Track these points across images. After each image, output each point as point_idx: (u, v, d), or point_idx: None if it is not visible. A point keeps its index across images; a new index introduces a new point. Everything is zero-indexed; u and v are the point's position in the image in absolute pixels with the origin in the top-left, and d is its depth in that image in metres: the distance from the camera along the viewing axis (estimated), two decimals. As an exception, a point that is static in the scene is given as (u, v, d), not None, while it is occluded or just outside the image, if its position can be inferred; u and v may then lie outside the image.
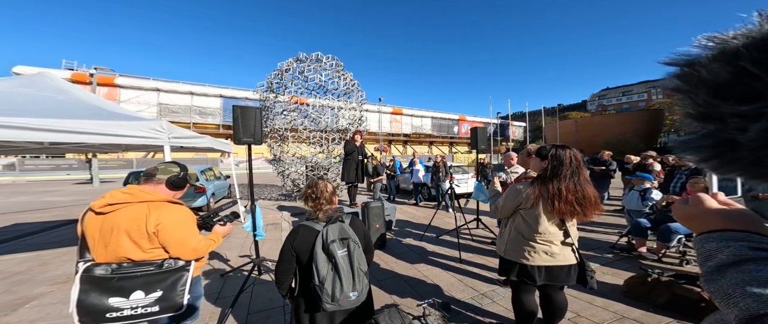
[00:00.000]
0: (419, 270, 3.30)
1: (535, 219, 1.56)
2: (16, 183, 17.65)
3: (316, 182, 1.46)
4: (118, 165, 20.80)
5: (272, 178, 12.26)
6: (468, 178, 8.42)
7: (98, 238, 1.34)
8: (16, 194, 11.81)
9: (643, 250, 3.54)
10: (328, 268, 1.26)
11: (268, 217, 5.99)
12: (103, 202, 1.35)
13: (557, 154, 1.53)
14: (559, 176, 1.49)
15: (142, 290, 1.34)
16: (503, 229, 1.77)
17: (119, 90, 21.82)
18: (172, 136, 2.94)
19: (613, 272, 3.10)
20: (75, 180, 18.52)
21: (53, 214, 7.40)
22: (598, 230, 4.78)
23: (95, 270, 1.29)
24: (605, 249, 3.83)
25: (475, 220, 4.75)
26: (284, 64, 7.53)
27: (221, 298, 2.66)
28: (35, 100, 2.71)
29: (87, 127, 2.45)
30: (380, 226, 4.10)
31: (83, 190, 13.05)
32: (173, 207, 1.48)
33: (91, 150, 4.51)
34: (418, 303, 2.08)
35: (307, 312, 1.37)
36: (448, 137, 39.90)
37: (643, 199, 3.84)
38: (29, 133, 2.26)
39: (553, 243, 1.58)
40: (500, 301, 2.52)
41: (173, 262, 1.42)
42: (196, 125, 23.60)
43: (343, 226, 1.36)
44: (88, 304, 1.26)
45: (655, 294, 2.38)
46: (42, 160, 20.12)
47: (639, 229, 3.53)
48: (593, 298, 2.53)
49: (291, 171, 7.89)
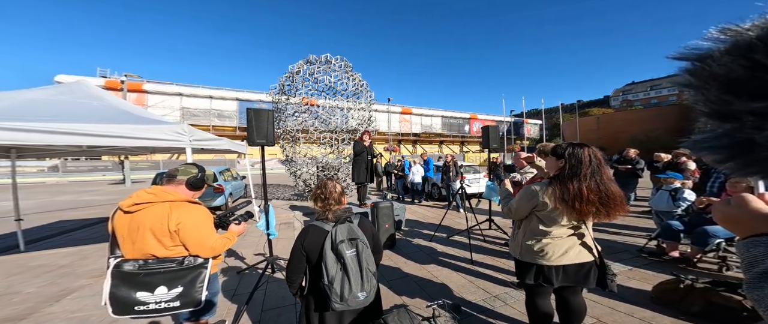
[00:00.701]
0: (429, 270, 3.26)
1: (553, 220, 1.50)
2: (59, 183, 19.30)
3: (325, 183, 1.48)
4: (146, 166, 22.20)
5: (285, 178, 12.61)
6: (480, 178, 8.25)
7: (126, 236, 1.43)
8: (60, 193, 12.91)
9: (675, 254, 3.30)
10: (337, 268, 1.27)
11: (281, 216, 6.16)
12: (130, 201, 1.44)
13: (575, 153, 1.46)
14: (578, 175, 1.43)
15: (165, 286, 1.41)
16: (517, 230, 1.71)
17: (147, 95, 23.27)
18: (193, 139, 3.09)
19: (641, 276, 2.92)
20: (110, 180, 19.99)
21: (91, 212, 8.02)
22: (624, 233, 4.51)
23: (124, 265, 1.39)
24: (631, 252, 3.61)
25: (488, 220, 4.64)
26: (295, 66, 7.72)
27: (237, 295, 2.76)
28: (74, 107, 2.96)
29: (119, 131, 2.66)
30: (390, 226, 4.09)
31: (117, 190, 14.05)
32: (193, 207, 1.56)
33: (124, 152, 4.85)
34: (428, 304, 2.06)
35: (316, 311, 1.39)
36: (458, 136, 39.19)
37: (674, 200, 3.58)
38: (71, 137, 2.48)
39: (571, 243, 1.53)
40: (513, 304, 2.45)
41: (192, 260, 1.49)
42: (215, 128, 24.68)
43: (351, 226, 1.37)
44: (119, 297, 1.35)
45: (689, 301, 2.22)
46: (81, 162, 21.89)
47: (670, 231, 3.29)
48: (616, 303, 2.39)
49: (302, 171, 8.08)
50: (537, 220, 1.56)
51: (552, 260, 1.52)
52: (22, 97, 2.91)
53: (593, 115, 43.31)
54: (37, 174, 20.32)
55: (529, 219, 1.61)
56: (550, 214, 1.50)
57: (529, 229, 1.60)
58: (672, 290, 2.35)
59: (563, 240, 1.53)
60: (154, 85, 23.88)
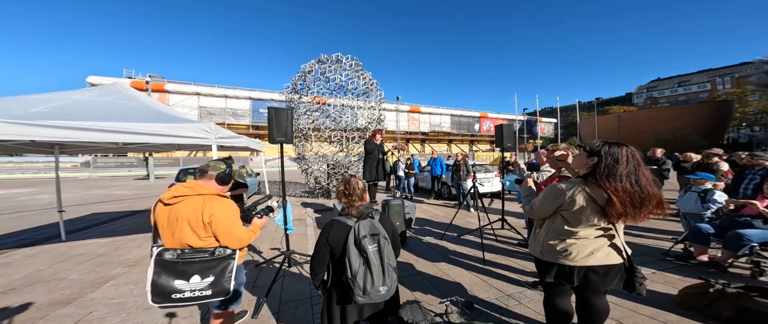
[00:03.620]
0: (440, 268, 3.26)
1: (580, 220, 1.44)
2: (90, 178, 20.59)
3: (349, 179, 1.53)
4: (168, 163, 23.30)
5: (296, 175, 12.87)
6: (491, 177, 8.11)
7: (166, 227, 1.54)
8: (92, 188, 13.79)
9: (704, 258, 3.15)
10: (360, 262, 1.32)
11: (294, 212, 6.33)
12: (170, 194, 1.55)
13: (611, 151, 1.39)
14: (614, 175, 1.35)
15: (199, 275, 1.50)
16: (537, 230, 1.68)
17: (168, 95, 24.37)
18: (218, 137, 3.26)
19: (665, 280, 2.81)
20: (135, 176, 21.14)
21: (121, 205, 8.55)
22: (646, 235, 4.34)
23: (165, 254, 1.49)
24: (655, 255, 3.48)
25: (500, 220, 4.57)
26: (307, 65, 7.86)
27: (256, 287, 2.88)
28: (115, 108, 3.21)
29: (155, 130, 2.87)
30: (400, 224, 4.10)
31: (142, 185, 14.85)
32: (223, 200, 1.65)
33: (154, 149, 5.14)
34: (441, 301, 2.07)
35: (338, 304, 1.44)
36: (468, 135, 38.58)
37: (703, 202, 3.41)
38: (114, 135, 2.72)
39: (599, 244, 1.47)
40: (528, 304, 2.42)
41: (223, 250, 1.58)
42: (230, 126, 25.51)
43: (373, 222, 1.42)
44: (160, 284, 1.45)
45: (719, 306, 2.13)
46: (109, 158, 23.28)
47: (700, 235, 3.14)
48: (639, 305, 2.33)
49: (313, 169, 8.23)
50: (562, 219, 1.51)
51: (576, 261, 1.48)
52: (71, 99, 3.20)
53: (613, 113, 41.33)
54: (71, 169, 21.78)
55: (552, 218, 1.57)
56: (577, 214, 1.45)
57: (552, 228, 1.56)
58: (700, 294, 2.26)
59: (590, 241, 1.47)
60: (175, 85, 24.98)
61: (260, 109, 27.11)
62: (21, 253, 4.13)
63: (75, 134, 2.57)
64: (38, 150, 4.32)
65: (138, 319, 2.34)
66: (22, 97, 3.20)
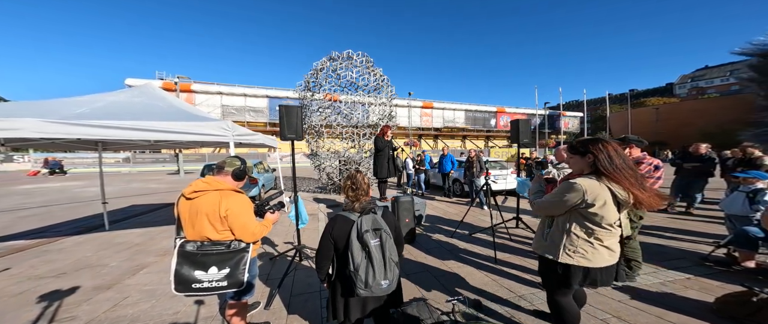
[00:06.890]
0: (449, 267, 3.21)
1: (602, 218, 1.39)
2: (130, 173, 22.55)
3: (355, 175, 1.55)
4: (195, 159, 24.87)
5: (309, 171, 13.20)
6: (507, 175, 7.79)
7: (188, 220, 1.65)
8: (131, 182, 15.09)
9: (751, 264, 2.85)
10: (362, 256, 1.34)
11: (306, 207, 6.50)
12: (191, 189, 1.65)
13: (600, 147, 1.43)
14: (616, 165, 1.38)
15: (216, 266, 1.60)
16: (547, 229, 1.60)
17: (194, 95, 25.86)
18: (235, 134, 3.42)
19: (701, 286, 2.58)
20: (167, 171, 22.84)
21: (155, 198, 9.29)
22: (682, 237, 3.99)
23: (187, 246, 1.60)
24: (691, 260, 3.19)
25: (515, 218, 4.40)
26: (319, 63, 7.95)
27: (269, 280, 3.00)
28: (146, 108, 3.50)
29: (178, 128, 3.08)
30: (410, 221, 4.05)
31: (173, 180, 16.00)
32: (238, 195, 1.74)
33: (180, 146, 5.52)
34: (448, 299, 2.04)
35: (342, 297, 1.48)
36: (483, 131, 37.17)
37: (752, 203, 3.05)
38: (144, 133, 2.97)
39: (610, 242, 1.46)
40: (540, 305, 2.33)
41: (238, 244, 1.67)
42: (249, 124, 26.46)
43: (375, 217, 1.43)
44: (182, 274, 1.56)
45: (762, 316, 1.92)
46: (146, 154, 25.29)
47: (746, 238, 2.83)
48: (665, 312, 2.16)
49: (326, 165, 8.37)
50: (581, 217, 1.45)
51: (597, 263, 1.45)
52: (107, 100, 3.53)
53: (651, 105, 37.95)
54: (114, 164, 23.97)
55: (567, 217, 1.50)
56: (599, 211, 1.38)
57: (569, 228, 1.49)
58: (742, 303, 2.05)
59: (603, 241, 1.44)
60: (200, 85, 26.43)
61: (276, 106, 27.83)
62: (72, 240, 4.63)
63: (112, 133, 2.84)
64: (85, 147, 4.79)
65: (165, 305, 2.53)
66: (64, 100, 3.56)
